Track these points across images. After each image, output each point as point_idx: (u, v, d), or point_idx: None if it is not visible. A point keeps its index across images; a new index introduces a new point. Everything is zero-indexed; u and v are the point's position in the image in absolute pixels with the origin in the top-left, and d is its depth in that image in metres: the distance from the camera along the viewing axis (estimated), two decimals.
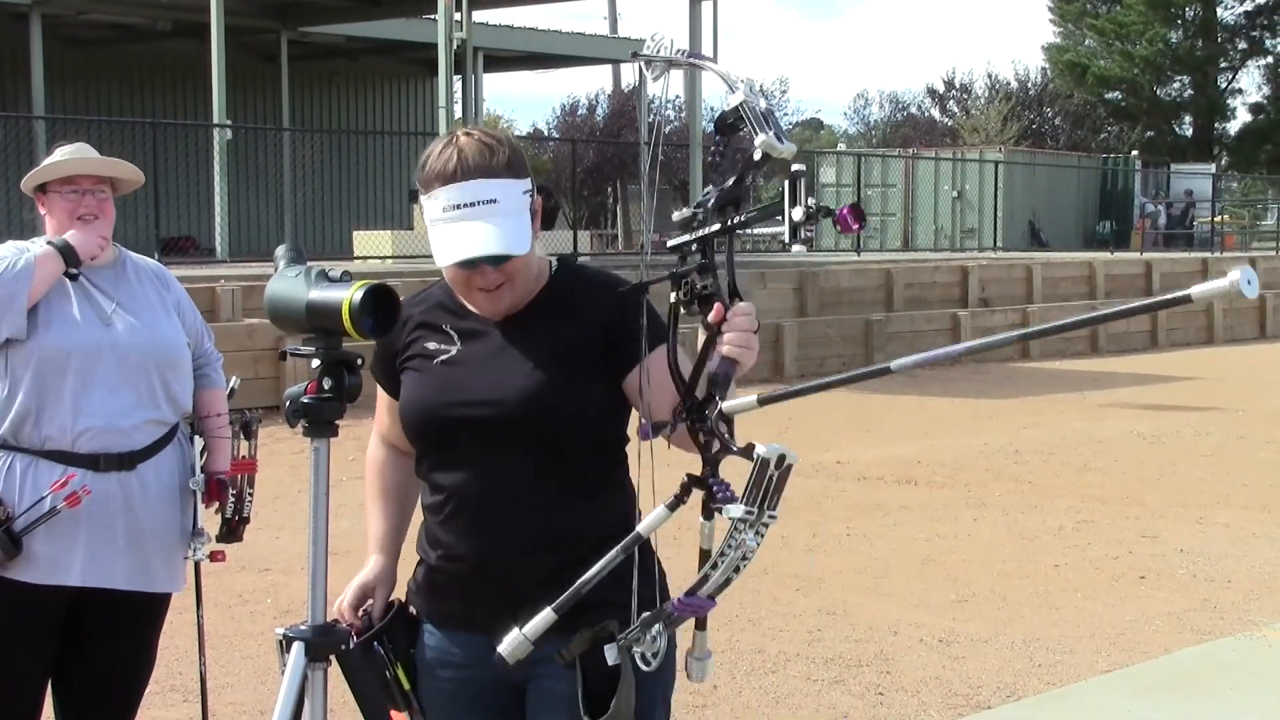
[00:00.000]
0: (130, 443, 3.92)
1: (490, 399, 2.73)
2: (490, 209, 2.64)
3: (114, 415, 3.89)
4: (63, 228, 4.00)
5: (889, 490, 10.62)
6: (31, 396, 3.84)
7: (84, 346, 3.89)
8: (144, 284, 4.12)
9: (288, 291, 2.70)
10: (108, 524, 3.88)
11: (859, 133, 65.07)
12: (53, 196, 4.02)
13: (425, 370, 2.82)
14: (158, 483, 3.98)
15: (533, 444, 2.72)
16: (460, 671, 2.84)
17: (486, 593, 2.76)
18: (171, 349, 4.06)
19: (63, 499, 3.77)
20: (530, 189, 2.71)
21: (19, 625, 3.90)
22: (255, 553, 7.83)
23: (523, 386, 2.71)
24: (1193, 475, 11.20)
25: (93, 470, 3.86)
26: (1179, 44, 51.36)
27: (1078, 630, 6.96)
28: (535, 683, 2.78)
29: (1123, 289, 24.82)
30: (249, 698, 5.88)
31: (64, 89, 24.51)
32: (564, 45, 30.37)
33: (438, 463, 2.82)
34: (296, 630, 2.72)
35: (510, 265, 2.69)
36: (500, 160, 2.67)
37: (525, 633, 2.48)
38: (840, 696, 5.98)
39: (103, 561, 3.88)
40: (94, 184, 4.03)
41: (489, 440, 2.73)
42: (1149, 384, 18.09)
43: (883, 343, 19.42)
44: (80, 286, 3.98)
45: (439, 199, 2.67)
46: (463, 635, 2.83)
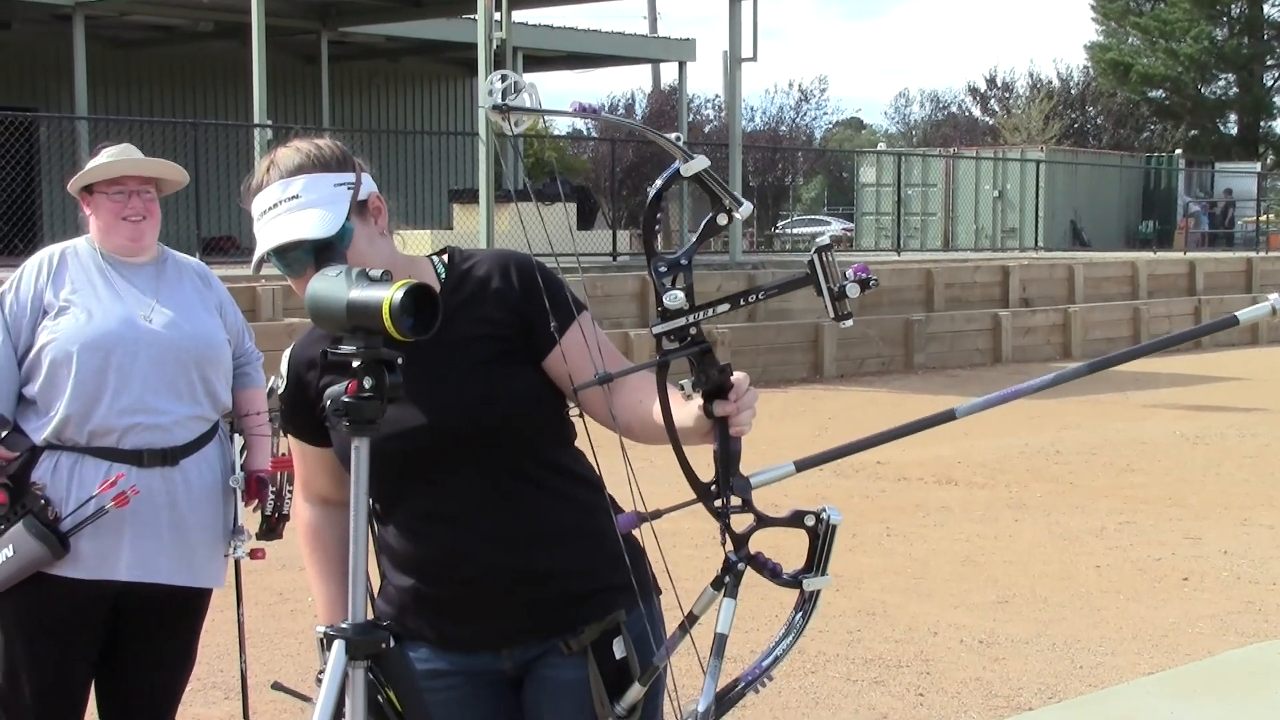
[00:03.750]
0: (172, 438, 3.95)
1: (427, 425, 2.70)
2: (294, 203, 2.65)
3: (156, 411, 3.92)
4: (108, 228, 4.03)
5: (929, 490, 10.58)
6: (74, 396, 3.87)
7: (124, 343, 3.91)
8: (184, 282, 4.15)
9: (328, 291, 2.70)
10: (152, 520, 3.90)
11: (899, 132, 64.89)
12: (99, 198, 4.04)
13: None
14: (200, 478, 4.01)
15: (483, 453, 2.71)
16: (450, 680, 2.82)
17: (479, 606, 2.75)
18: (211, 345, 4.08)
19: (111, 499, 3.80)
20: (350, 181, 2.69)
21: (66, 621, 3.92)
22: (296, 551, 7.84)
23: (454, 403, 2.70)
24: (1236, 476, 11.12)
25: (136, 466, 3.89)
26: (1224, 42, 50.98)
27: (1120, 632, 6.91)
28: (535, 673, 2.79)
29: (1165, 289, 24.66)
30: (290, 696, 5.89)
31: (106, 90, 24.66)
32: (603, 45, 30.35)
33: (392, 496, 2.78)
34: (337, 628, 2.72)
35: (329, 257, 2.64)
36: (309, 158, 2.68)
37: (721, 630, 2.38)
38: (880, 697, 5.96)
39: (147, 556, 3.91)
40: (140, 184, 4.05)
41: (438, 463, 2.72)
42: (1192, 384, 17.96)
43: (923, 343, 19.35)
44: (120, 284, 4.00)
45: (254, 212, 2.69)
46: (460, 649, 2.81)
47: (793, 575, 2.34)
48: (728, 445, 2.34)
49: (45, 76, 24.72)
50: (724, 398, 2.35)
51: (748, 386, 2.37)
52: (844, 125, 67.93)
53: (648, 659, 2.66)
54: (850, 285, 2.25)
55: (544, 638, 2.76)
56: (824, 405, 15.57)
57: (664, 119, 37.93)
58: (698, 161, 2.28)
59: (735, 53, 20.99)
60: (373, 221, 2.73)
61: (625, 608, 2.66)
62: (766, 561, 2.34)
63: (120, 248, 4.05)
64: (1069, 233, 32.99)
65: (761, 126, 47.11)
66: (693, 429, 2.42)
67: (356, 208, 2.68)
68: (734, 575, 2.33)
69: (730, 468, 2.34)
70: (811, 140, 51.93)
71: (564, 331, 2.68)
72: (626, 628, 2.69)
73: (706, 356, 2.31)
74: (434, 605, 2.79)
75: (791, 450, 9.79)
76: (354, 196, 2.67)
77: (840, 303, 2.25)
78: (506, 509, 2.72)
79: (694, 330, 2.31)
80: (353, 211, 2.67)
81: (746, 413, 2.35)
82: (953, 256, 26.51)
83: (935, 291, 20.98)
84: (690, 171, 2.28)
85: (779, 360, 17.50)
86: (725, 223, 2.30)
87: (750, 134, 39.55)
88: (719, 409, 2.33)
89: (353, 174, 2.70)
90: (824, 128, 56.94)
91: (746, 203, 2.30)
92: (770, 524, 2.34)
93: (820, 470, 10.27)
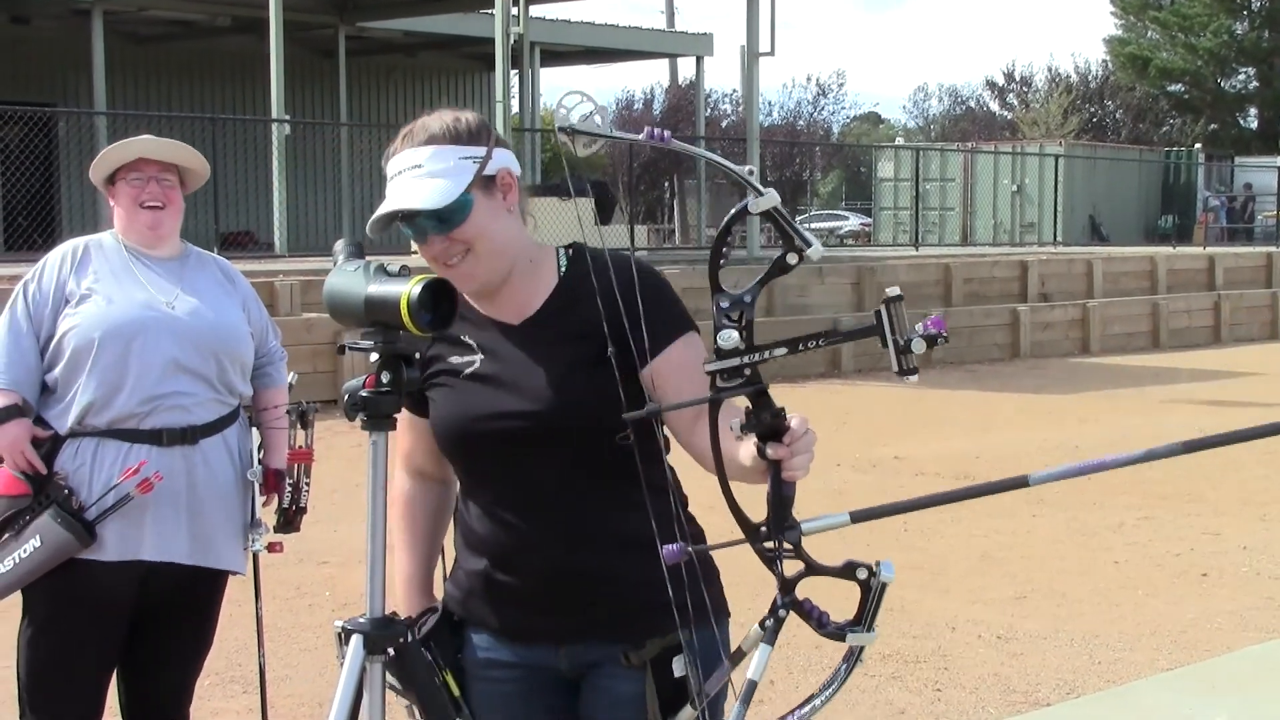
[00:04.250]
0: (192, 418, 3.97)
1: (520, 410, 2.70)
2: (415, 172, 2.65)
3: (175, 393, 3.94)
4: (128, 216, 4.05)
5: (947, 485, 10.54)
6: (96, 382, 3.90)
7: (146, 329, 3.94)
8: (208, 276, 4.17)
9: (346, 286, 2.70)
10: (172, 500, 3.93)
11: (918, 126, 64.79)
12: (119, 185, 4.06)
13: (454, 386, 2.79)
14: (219, 460, 4.03)
15: (568, 449, 2.70)
16: (513, 671, 2.83)
17: (547, 600, 2.75)
18: (234, 337, 4.11)
19: (135, 485, 3.82)
20: (478, 155, 2.66)
21: (94, 605, 3.95)
22: (313, 545, 7.87)
23: (548, 395, 2.69)
24: (1256, 472, 11.08)
25: (156, 445, 3.91)
26: (1244, 35, 50.79)
27: (1138, 628, 6.90)
28: (592, 680, 2.78)
29: (1185, 284, 24.58)
30: (308, 689, 5.91)
31: (125, 85, 24.74)
32: (621, 39, 30.36)
33: (477, 476, 2.81)
34: (355, 623, 2.73)
35: (460, 234, 2.65)
36: (438, 130, 2.67)
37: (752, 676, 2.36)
38: (898, 693, 5.95)
39: (167, 536, 3.94)
40: (159, 171, 4.06)
41: (525, 451, 2.72)
42: (1211, 379, 17.90)
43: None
44: (144, 273, 4.03)
45: (387, 175, 2.70)
46: (522, 640, 2.82)
47: (839, 627, 2.28)
48: (780, 489, 2.29)
49: (64, 72, 24.80)
50: (779, 440, 2.29)
51: (804, 431, 2.30)
52: (862, 120, 67.83)
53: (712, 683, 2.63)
54: (917, 340, 2.16)
55: (601, 642, 2.74)
56: (841, 400, 15.55)
57: (681, 114, 37.93)
58: (768, 198, 2.22)
59: (753, 47, 20.97)
60: (500, 197, 2.70)
61: (690, 626, 2.57)
62: (813, 610, 2.28)
63: (141, 237, 4.06)
64: (1088, 227, 32.90)
65: (779, 121, 47.10)
66: (750, 468, 2.36)
67: (482, 181, 2.66)
68: (775, 621, 2.29)
69: (783, 512, 2.29)
70: (829, 135, 51.90)
71: (664, 349, 2.64)
72: (690, 648, 2.62)
73: (761, 398, 2.26)
74: (499, 592, 2.79)
75: None
76: (480, 170, 2.65)
77: (905, 356, 2.17)
78: (579, 509, 2.72)
79: (748, 371, 2.25)
80: (476, 185, 2.65)
81: (801, 458, 2.29)
82: (971, 251, 26.44)
83: (953, 286, 20.93)
84: (759, 208, 2.22)
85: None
86: (795, 262, 2.22)
87: (768, 129, 39.53)
88: (772, 452, 2.27)
89: (483, 148, 2.67)
90: (842, 122, 56.92)
91: (816, 243, 2.24)
92: (821, 572, 2.29)
93: (838, 466, 10.31)
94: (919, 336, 2.16)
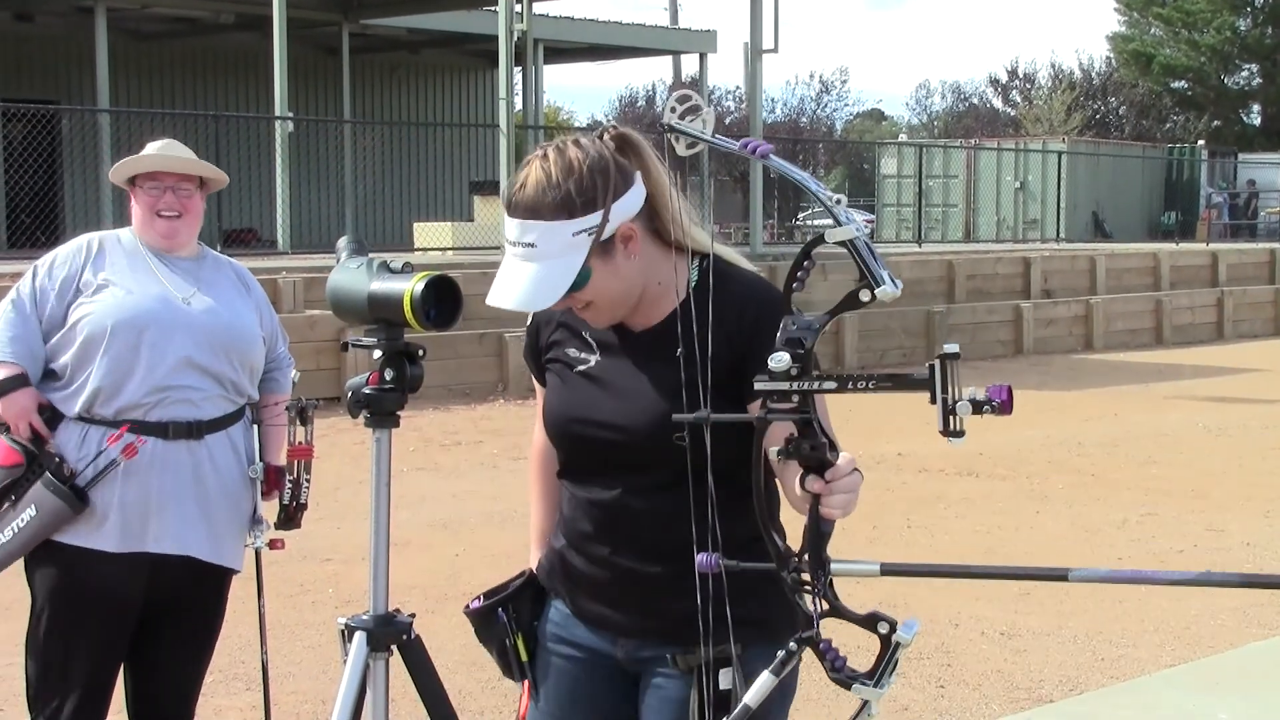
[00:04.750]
0: (199, 413, 3.98)
1: (619, 423, 2.69)
2: (528, 253, 2.57)
3: (184, 386, 3.96)
4: (144, 221, 4.09)
5: (950, 482, 10.56)
6: (105, 370, 3.91)
7: (160, 321, 3.96)
8: (224, 278, 4.21)
9: (350, 283, 2.71)
10: (178, 493, 3.94)
11: (921, 123, 64.73)
12: (138, 190, 4.10)
13: (565, 379, 2.79)
14: (225, 457, 4.04)
15: (658, 469, 2.67)
16: (580, 651, 2.85)
17: (614, 595, 2.77)
18: (246, 338, 4.13)
19: (119, 450, 3.83)
20: (593, 226, 2.55)
21: (101, 596, 3.96)
22: (317, 543, 7.88)
23: (651, 416, 2.65)
24: (1259, 468, 11.07)
25: (161, 438, 3.92)
26: (1247, 32, 50.73)
27: (1141, 624, 6.90)
28: (647, 676, 2.80)
29: (1188, 280, 24.56)
30: (311, 687, 5.92)
31: (128, 82, 24.72)
32: (624, 36, 30.33)
33: (574, 469, 2.83)
34: (358, 620, 2.74)
35: (581, 295, 2.61)
36: (551, 199, 2.56)
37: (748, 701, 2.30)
38: (901, 689, 5.95)
39: (174, 529, 3.94)
40: (177, 180, 4.10)
41: (617, 461, 2.72)
42: (1215, 376, 17.89)
43: (944, 334, 19.29)
44: (161, 270, 4.06)
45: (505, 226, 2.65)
46: (588, 624, 2.84)
47: (850, 675, 2.24)
48: (817, 524, 2.25)
49: (67, 69, 24.80)
50: (821, 474, 2.25)
51: (849, 471, 2.26)
52: (865, 116, 67.78)
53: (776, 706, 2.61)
54: (963, 404, 2.10)
55: (656, 643, 2.76)
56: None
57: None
58: (847, 229, 2.17)
59: (756, 44, 20.95)
60: (620, 249, 2.61)
61: (745, 642, 2.52)
62: (828, 651, 2.24)
63: (155, 243, 4.10)
64: (1091, 224, 32.85)
65: (782, 118, 47.10)
66: (800, 497, 2.33)
67: (600, 248, 2.57)
68: (786, 653, 2.26)
69: (816, 547, 2.25)
70: (832, 132, 51.88)
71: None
72: (742, 663, 2.57)
73: (806, 428, 2.23)
74: (573, 575, 2.83)
75: None
76: (596, 239, 2.56)
77: (953, 417, 2.11)
78: (656, 524, 2.70)
79: (795, 399, 2.21)
80: (593, 255, 2.57)
81: (840, 497, 2.24)
82: (974, 248, 26.42)
83: (957, 283, 20.92)
84: (835, 238, 2.18)
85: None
86: (867, 300, 2.17)
87: (771, 125, 39.51)
88: (810, 485, 2.24)
89: (598, 215, 2.56)
90: (845, 119, 56.91)
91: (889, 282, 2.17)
92: (843, 617, 2.27)
93: None
94: (964, 401, 2.11)
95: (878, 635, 2.24)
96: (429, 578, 7.51)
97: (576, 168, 2.56)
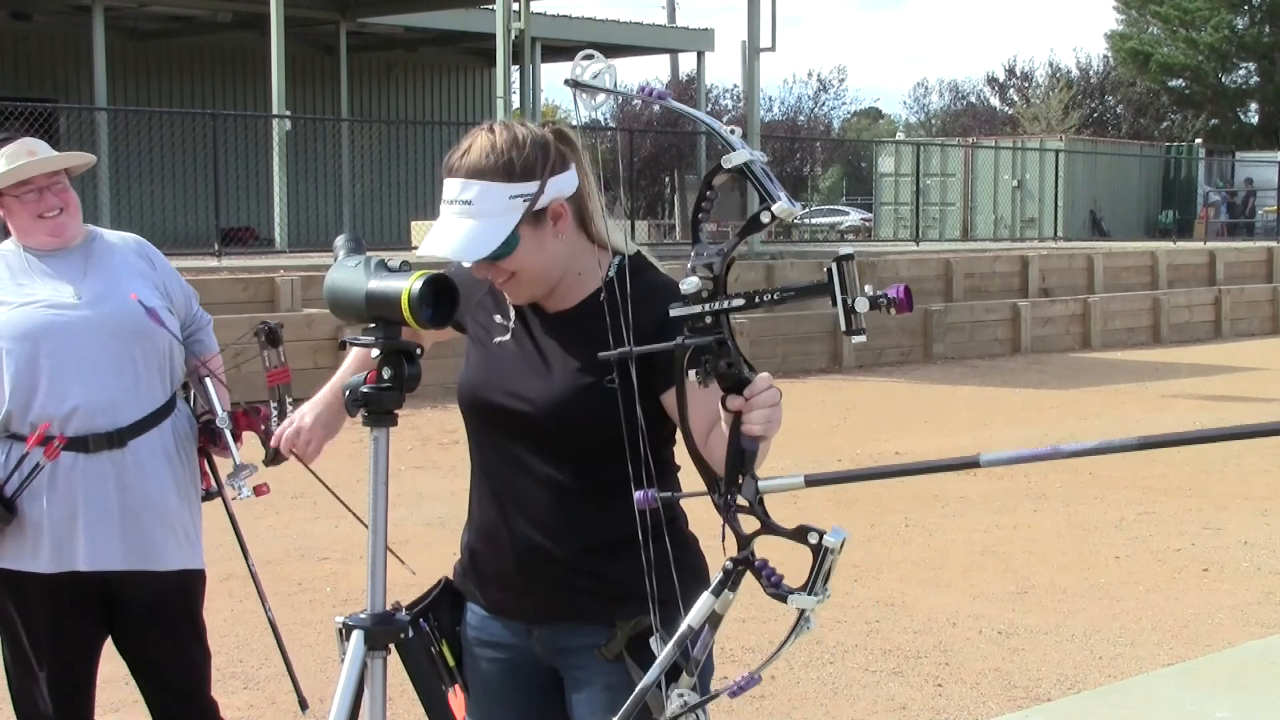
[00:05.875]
0: (118, 419, 3.85)
1: (525, 394, 2.77)
2: (465, 210, 2.67)
3: (95, 392, 3.82)
4: (27, 228, 3.92)
5: (948, 481, 10.56)
6: (10, 390, 3.80)
7: (53, 328, 3.82)
8: (115, 259, 4.01)
9: (347, 281, 2.71)
10: (103, 506, 3.84)
11: (918, 121, 64.75)
12: (9, 200, 3.92)
13: (480, 349, 2.88)
14: (153, 457, 3.92)
15: (563, 445, 2.75)
16: (501, 651, 2.90)
17: (520, 581, 2.82)
18: (139, 314, 3.92)
19: (41, 453, 3.75)
20: (529, 194, 2.66)
21: (46, 612, 3.89)
22: (314, 542, 7.88)
23: (555, 390, 2.74)
24: (1257, 467, 11.07)
25: (83, 453, 3.82)
26: (1245, 30, 50.76)
27: (1139, 623, 6.90)
28: (572, 673, 2.84)
29: (1185, 279, 24.59)
30: (308, 685, 5.88)
31: (125, 81, 24.73)
32: (622, 35, 30.33)
33: (479, 444, 2.90)
34: (356, 619, 2.73)
35: (506, 264, 2.70)
36: (493, 163, 2.67)
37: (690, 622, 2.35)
38: (899, 688, 5.95)
39: (102, 543, 3.84)
40: (48, 180, 3.92)
41: (521, 433, 2.78)
42: (1212, 374, 17.90)
43: (942, 333, 19.31)
44: (43, 274, 3.91)
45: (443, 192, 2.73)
46: (503, 618, 2.89)
47: (785, 590, 2.26)
48: (737, 442, 2.30)
49: (65, 68, 24.79)
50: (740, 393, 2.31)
51: (766, 387, 2.31)
52: (862, 115, 67.80)
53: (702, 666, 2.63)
54: (860, 300, 2.15)
55: (569, 627, 2.79)
56: (843, 396, 15.54)
57: None
58: (740, 154, 2.25)
59: (754, 43, 20.96)
60: (550, 225, 2.72)
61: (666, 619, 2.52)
62: (764, 568, 2.29)
63: (43, 245, 3.93)
64: (1088, 222, 32.87)
65: (780, 116, 47.07)
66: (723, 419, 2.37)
67: (531, 217, 2.69)
68: (723, 573, 2.31)
69: (741, 467, 2.29)
70: (830, 130, 51.88)
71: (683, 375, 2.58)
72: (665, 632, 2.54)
73: (721, 348, 2.29)
74: (483, 565, 2.89)
75: (810, 439, 9.81)
76: (529, 208, 2.68)
77: (854, 316, 2.17)
78: (560, 500, 2.76)
79: (708, 319, 2.29)
80: (525, 221, 2.68)
81: (760, 412, 2.29)
82: (972, 246, 26.43)
83: (954, 282, 20.93)
84: (731, 164, 2.25)
85: (798, 350, 17.49)
86: (768, 220, 2.23)
87: (769, 124, 39.46)
88: (730, 403, 2.31)
89: (535, 184, 2.68)
90: (842, 117, 56.92)
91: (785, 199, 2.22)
92: (774, 532, 2.30)
93: (839, 461, 10.29)
94: (862, 297, 2.15)
95: (809, 546, 2.26)
96: (427, 576, 7.49)
97: (520, 140, 2.70)
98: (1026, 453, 2.14)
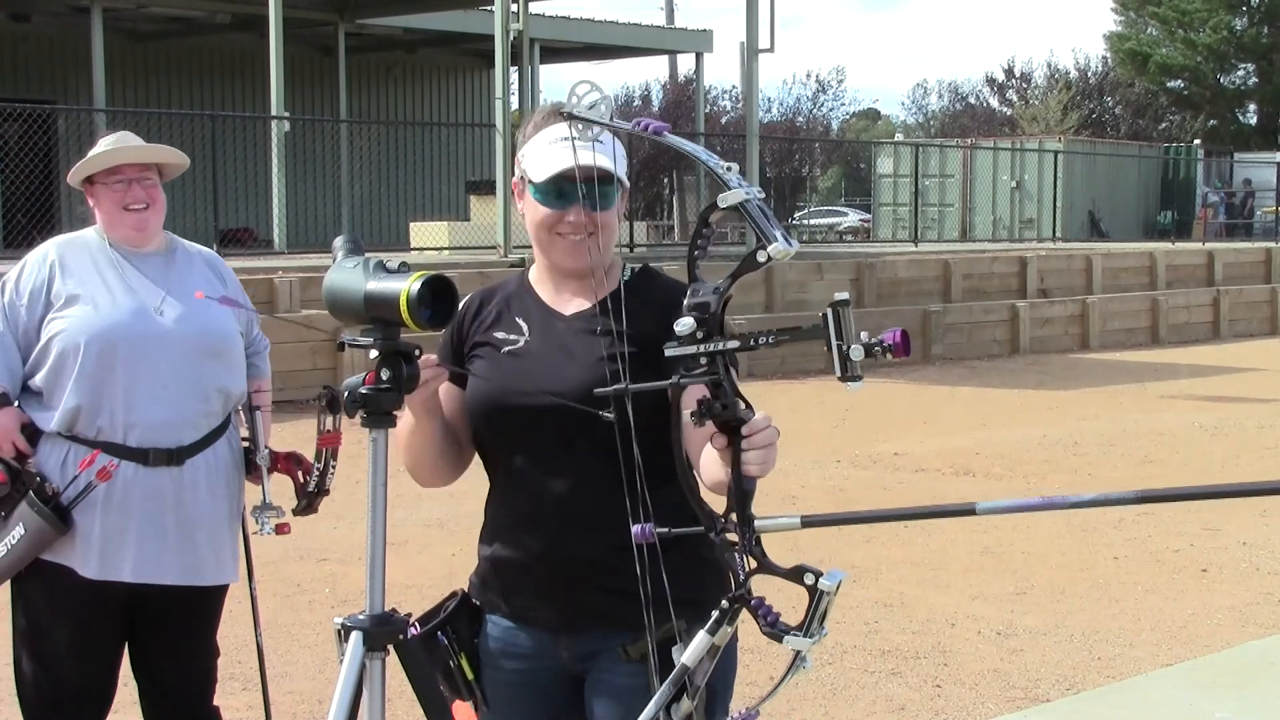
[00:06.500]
0: (180, 438, 3.90)
1: (554, 388, 2.76)
2: (596, 145, 2.73)
3: (163, 409, 3.87)
4: (112, 219, 3.99)
5: (947, 482, 10.56)
6: (81, 388, 3.84)
7: (133, 336, 3.87)
8: (194, 272, 4.09)
9: (346, 282, 2.71)
10: (158, 520, 3.88)
11: (917, 122, 64.74)
12: (99, 189, 3.98)
13: (492, 360, 2.87)
14: (208, 478, 3.97)
15: (588, 437, 2.73)
16: (524, 662, 2.89)
17: (551, 586, 2.80)
18: (222, 338, 4.03)
19: (94, 474, 3.78)
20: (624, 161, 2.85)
21: (81, 614, 3.92)
22: (313, 542, 7.88)
23: (586, 376, 2.74)
24: (1256, 468, 11.08)
25: (141, 464, 3.85)
26: (1243, 31, 50.76)
27: (1138, 623, 6.90)
28: (594, 674, 2.83)
29: (1184, 279, 24.59)
30: (307, 686, 5.91)
31: (124, 82, 24.71)
32: (620, 36, 30.33)
33: (505, 450, 2.87)
34: (355, 620, 2.73)
35: (602, 217, 2.77)
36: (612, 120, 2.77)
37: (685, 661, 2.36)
38: (897, 689, 5.95)
39: (153, 557, 3.89)
40: (139, 172, 3.99)
41: (554, 429, 2.78)
42: (1211, 375, 17.90)
43: (940, 334, 19.31)
44: (130, 275, 3.96)
45: (548, 134, 2.79)
46: (528, 628, 2.87)
47: (781, 629, 2.26)
48: (739, 482, 2.29)
49: (64, 69, 24.78)
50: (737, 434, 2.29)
51: (764, 428, 2.30)
52: (861, 116, 67.81)
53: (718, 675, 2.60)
54: (855, 348, 2.14)
55: (596, 633, 2.79)
56: (841, 397, 15.52)
57: (681, 110, 37.89)
58: (736, 193, 2.23)
59: (752, 44, 20.95)
60: (620, 204, 2.88)
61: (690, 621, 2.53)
62: (761, 607, 2.28)
63: (125, 238, 3.99)
64: (1087, 223, 32.87)
65: (779, 117, 47.07)
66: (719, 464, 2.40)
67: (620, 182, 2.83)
68: (720, 613, 2.29)
69: (740, 505, 2.28)
70: (829, 131, 51.87)
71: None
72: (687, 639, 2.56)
73: (718, 389, 2.27)
74: (506, 573, 2.87)
75: (809, 440, 9.79)
76: (629, 167, 2.85)
77: (849, 363, 2.16)
78: (586, 497, 2.77)
79: (704, 361, 2.26)
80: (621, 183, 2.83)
81: (755, 453, 2.29)
82: (970, 247, 26.43)
83: (953, 282, 20.93)
84: (727, 202, 2.24)
85: (797, 351, 17.48)
86: (764, 260, 2.21)
87: (767, 125, 39.50)
88: (714, 442, 2.30)
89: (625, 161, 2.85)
90: (841, 118, 56.88)
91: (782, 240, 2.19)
92: (771, 572, 2.30)
93: (838, 462, 10.28)
94: (857, 344, 2.15)
95: (805, 587, 2.26)
96: (426, 577, 7.50)
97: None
98: (1022, 502, 2.14)
